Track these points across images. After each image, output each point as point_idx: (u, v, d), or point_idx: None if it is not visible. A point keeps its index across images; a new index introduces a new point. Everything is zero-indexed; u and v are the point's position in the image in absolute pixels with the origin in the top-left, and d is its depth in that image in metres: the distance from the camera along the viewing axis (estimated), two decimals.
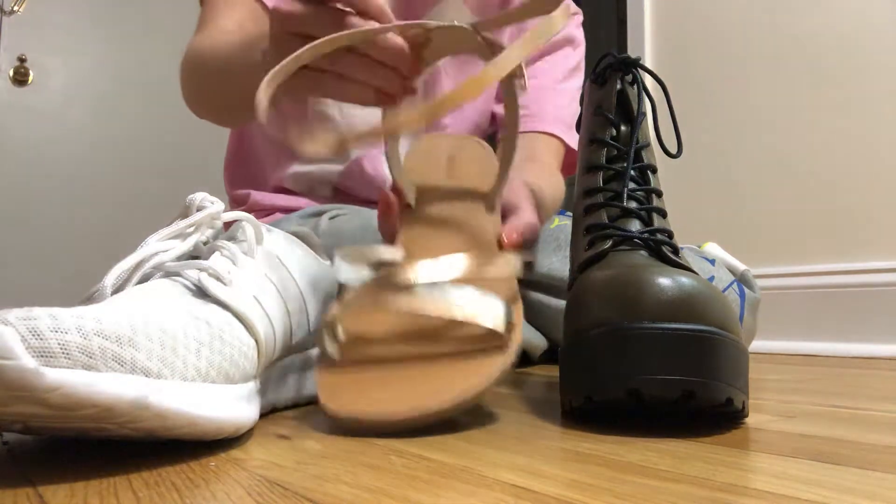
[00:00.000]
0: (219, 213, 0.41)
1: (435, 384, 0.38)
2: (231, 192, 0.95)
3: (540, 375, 0.71)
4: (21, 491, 0.26)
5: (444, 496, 0.25)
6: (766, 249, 1.44)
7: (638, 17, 1.72)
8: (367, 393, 0.39)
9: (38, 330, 0.25)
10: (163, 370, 0.29)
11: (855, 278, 1.28)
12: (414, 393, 0.38)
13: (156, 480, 0.28)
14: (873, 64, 1.31)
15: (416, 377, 0.39)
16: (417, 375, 0.40)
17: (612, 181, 0.47)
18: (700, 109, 1.57)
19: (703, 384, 0.35)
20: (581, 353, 0.38)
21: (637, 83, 0.50)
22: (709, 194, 1.55)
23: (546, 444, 0.34)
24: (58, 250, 2.28)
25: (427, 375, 0.39)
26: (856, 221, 1.32)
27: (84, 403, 0.26)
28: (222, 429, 0.32)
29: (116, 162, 2.41)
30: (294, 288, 0.45)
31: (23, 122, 2.28)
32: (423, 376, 0.39)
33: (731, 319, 0.38)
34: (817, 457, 0.31)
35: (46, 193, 2.29)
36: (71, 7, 2.37)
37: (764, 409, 0.46)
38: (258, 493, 0.26)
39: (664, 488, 0.26)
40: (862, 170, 1.32)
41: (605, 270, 0.40)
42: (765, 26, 1.48)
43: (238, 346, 0.35)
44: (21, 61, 2.28)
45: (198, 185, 2.34)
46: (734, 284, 0.83)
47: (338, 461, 0.31)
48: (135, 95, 2.45)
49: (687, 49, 1.62)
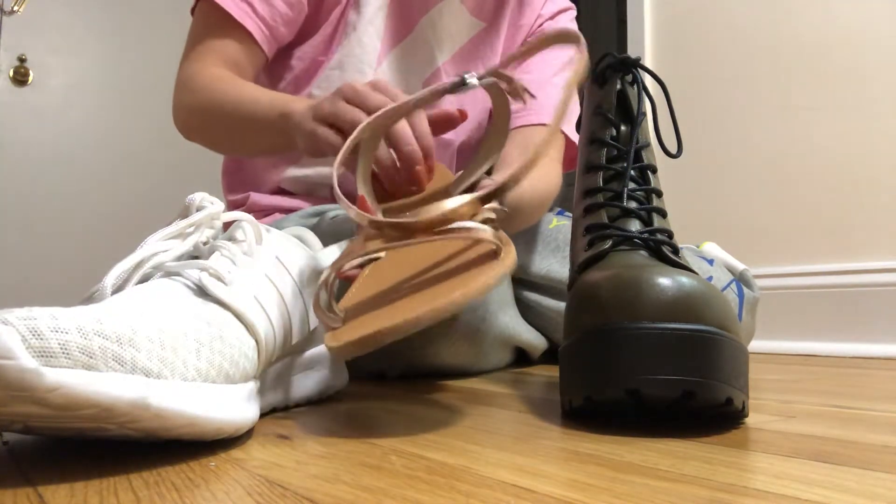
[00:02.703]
0: (218, 214, 0.41)
1: (438, 292, 0.38)
2: (229, 197, 0.95)
3: (540, 375, 0.71)
4: (21, 491, 0.26)
5: (444, 496, 0.25)
6: (765, 249, 1.44)
7: (638, 17, 1.72)
8: (370, 321, 0.38)
9: (38, 330, 0.25)
10: (163, 370, 0.29)
11: (855, 278, 1.28)
12: (422, 300, 0.38)
13: (156, 480, 0.28)
14: (873, 64, 1.32)
15: (420, 294, 0.39)
16: (421, 294, 0.40)
17: (612, 181, 0.47)
18: (700, 109, 1.57)
19: (703, 384, 0.35)
20: (581, 353, 0.38)
21: (637, 83, 0.50)
22: (709, 194, 1.55)
23: (546, 444, 0.34)
24: (58, 250, 2.28)
25: (430, 291, 0.39)
26: (856, 221, 1.32)
27: (84, 403, 0.26)
28: (222, 429, 0.32)
29: (116, 162, 2.41)
30: (294, 288, 0.45)
31: (23, 122, 2.28)
32: (428, 291, 0.39)
33: (731, 319, 0.38)
34: (817, 457, 0.31)
35: (46, 193, 2.29)
36: (71, 7, 2.37)
37: (764, 409, 0.46)
38: (258, 493, 0.26)
39: (664, 488, 0.26)
40: (862, 170, 1.32)
41: (605, 270, 0.40)
42: (765, 26, 1.48)
43: (238, 346, 0.35)
44: (21, 61, 2.28)
45: (198, 185, 2.34)
46: (732, 284, 0.83)
47: (338, 461, 0.31)
48: (134, 95, 2.45)
49: (687, 49, 1.62)
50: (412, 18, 0.89)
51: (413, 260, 0.46)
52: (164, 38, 2.49)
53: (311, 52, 0.87)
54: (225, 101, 0.75)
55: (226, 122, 0.76)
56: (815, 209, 1.37)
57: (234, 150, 0.86)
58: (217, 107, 0.76)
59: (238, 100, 0.74)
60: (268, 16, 0.81)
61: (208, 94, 0.77)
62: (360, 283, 0.47)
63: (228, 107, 0.75)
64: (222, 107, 0.75)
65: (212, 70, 0.79)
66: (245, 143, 0.77)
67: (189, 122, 0.82)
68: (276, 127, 0.68)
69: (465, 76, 0.53)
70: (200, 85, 0.78)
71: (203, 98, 0.77)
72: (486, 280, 0.37)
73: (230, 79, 0.77)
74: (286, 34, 0.85)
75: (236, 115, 0.74)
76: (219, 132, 0.80)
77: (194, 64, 0.81)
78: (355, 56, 0.86)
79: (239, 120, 0.73)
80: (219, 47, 0.81)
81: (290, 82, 0.88)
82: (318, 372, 0.51)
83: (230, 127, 0.76)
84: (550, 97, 0.91)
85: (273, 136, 0.70)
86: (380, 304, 0.41)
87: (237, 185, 0.94)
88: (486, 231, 0.41)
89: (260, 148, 0.77)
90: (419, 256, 0.45)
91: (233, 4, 0.80)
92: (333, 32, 0.87)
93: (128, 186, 2.41)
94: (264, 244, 0.44)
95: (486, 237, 0.40)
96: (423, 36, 0.89)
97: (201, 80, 0.78)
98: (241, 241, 0.42)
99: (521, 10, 0.95)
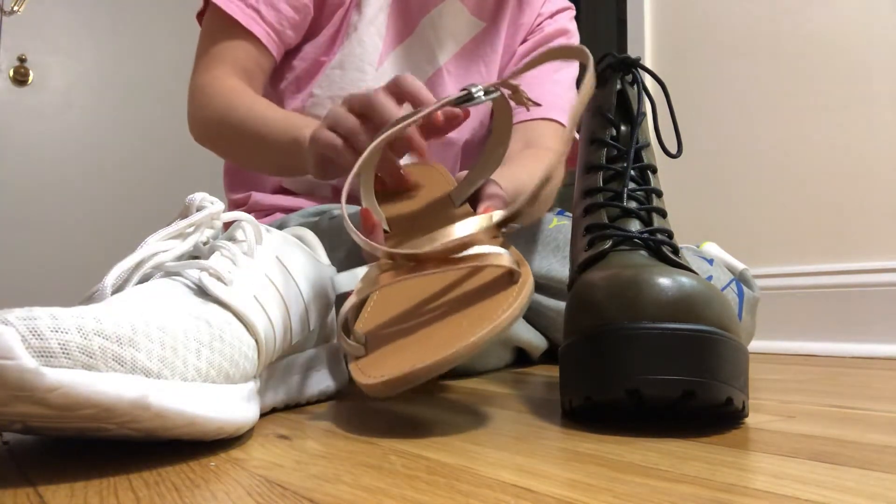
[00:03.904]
0: (218, 213, 0.41)
1: (465, 323, 0.38)
2: (231, 196, 0.95)
3: (540, 375, 0.71)
4: (21, 491, 0.26)
5: (444, 496, 0.25)
6: (765, 249, 1.44)
7: (638, 17, 1.72)
8: (400, 355, 0.38)
9: (38, 330, 0.25)
10: (163, 370, 0.29)
11: (855, 278, 1.28)
12: (448, 335, 0.37)
13: (156, 480, 0.28)
14: (873, 64, 1.31)
15: (446, 325, 0.39)
16: (446, 323, 0.39)
17: (612, 181, 0.47)
18: (700, 109, 1.57)
19: (703, 384, 0.35)
20: (581, 353, 0.38)
21: (637, 83, 0.50)
22: (709, 194, 1.55)
23: (546, 444, 0.34)
24: (58, 250, 2.28)
25: (455, 320, 0.39)
26: (855, 221, 1.32)
27: (84, 403, 0.26)
28: (222, 429, 0.32)
29: (116, 162, 2.41)
30: (294, 288, 0.45)
31: (23, 122, 2.28)
32: (451, 322, 0.39)
33: (731, 319, 0.38)
34: (817, 457, 0.31)
35: (46, 193, 2.29)
36: (71, 7, 2.37)
37: (764, 409, 0.46)
38: (258, 493, 0.26)
39: (664, 488, 0.26)
40: (862, 170, 1.32)
41: (605, 270, 0.40)
42: (765, 26, 1.48)
43: (238, 346, 0.35)
44: (21, 61, 2.28)
45: (198, 185, 2.34)
46: (732, 284, 0.83)
47: (338, 461, 0.31)
48: (134, 95, 2.45)
49: (687, 49, 1.62)
50: (413, 19, 0.89)
51: (425, 281, 0.45)
52: (164, 39, 2.50)
53: (312, 52, 0.87)
54: (238, 120, 0.76)
55: (239, 139, 0.77)
56: (815, 209, 1.37)
57: (248, 166, 0.87)
58: (230, 125, 0.77)
59: (251, 118, 0.75)
60: (275, 21, 0.82)
61: (222, 110, 0.78)
62: (373, 304, 0.46)
63: (241, 125, 0.75)
64: (235, 126, 0.76)
65: (225, 82, 0.79)
66: (259, 161, 0.79)
67: (204, 134, 0.83)
68: (289, 151, 0.69)
69: (472, 90, 0.52)
70: (214, 97, 0.79)
71: (217, 112, 0.78)
72: (512, 312, 0.37)
73: (244, 93, 0.78)
74: (293, 38, 0.85)
75: (249, 134, 0.74)
76: (232, 147, 0.81)
77: (206, 73, 0.81)
78: (356, 56, 0.86)
79: (251, 138, 0.74)
80: (228, 55, 0.81)
81: (291, 82, 0.88)
82: (318, 372, 0.51)
83: (243, 145, 0.77)
84: (550, 93, 0.91)
85: (285, 158, 0.71)
86: (403, 333, 0.41)
87: (238, 184, 0.95)
88: (504, 256, 0.41)
89: (272, 168, 0.79)
90: (431, 277, 0.45)
91: (240, 11, 0.80)
92: (335, 33, 0.87)
93: (128, 186, 2.41)
94: (264, 244, 0.44)
95: (505, 263, 0.40)
96: (424, 36, 0.89)
97: (215, 93, 0.79)
98: (241, 241, 0.42)
99: (520, 9, 0.96)
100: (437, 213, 0.57)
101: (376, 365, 0.38)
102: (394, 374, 0.35)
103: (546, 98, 0.90)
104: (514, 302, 0.38)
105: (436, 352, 0.35)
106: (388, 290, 0.47)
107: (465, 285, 0.43)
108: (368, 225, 0.52)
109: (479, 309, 0.39)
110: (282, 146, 0.70)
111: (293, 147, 0.68)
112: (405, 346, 0.39)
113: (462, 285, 0.44)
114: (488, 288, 0.41)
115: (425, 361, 0.35)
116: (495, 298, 0.39)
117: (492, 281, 0.42)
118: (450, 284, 0.44)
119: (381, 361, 0.38)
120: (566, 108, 0.93)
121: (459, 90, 0.53)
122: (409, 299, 0.45)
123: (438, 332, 0.38)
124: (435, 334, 0.38)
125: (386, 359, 0.38)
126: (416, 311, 0.43)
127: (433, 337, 0.38)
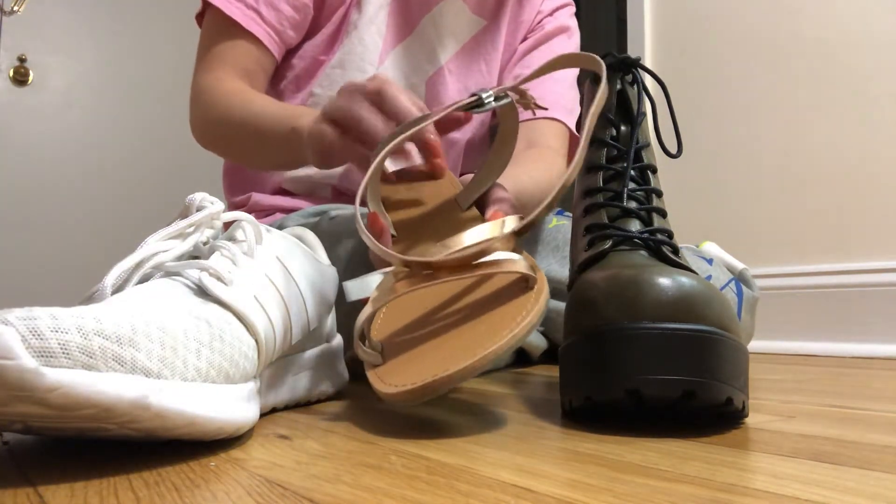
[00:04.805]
0: (218, 213, 0.41)
1: (483, 330, 0.38)
2: (231, 198, 0.95)
3: (540, 375, 0.71)
4: (21, 491, 0.26)
5: (444, 496, 0.25)
6: (765, 249, 1.44)
7: (638, 17, 1.72)
8: (420, 363, 0.38)
9: (38, 330, 0.25)
10: (163, 370, 0.29)
11: (855, 278, 1.28)
12: (468, 343, 0.37)
13: (156, 480, 0.28)
14: (873, 64, 1.31)
15: (463, 332, 0.39)
16: (464, 331, 0.39)
17: (612, 181, 0.47)
18: (700, 109, 1.57)
19: (703, 384, 0.35)
20: (581, 353, 0.38)
21: (637, 83, 0.50)
22: (709, 194, 1.55)
23: (546, 444, 0.34)
24: (58, 250, 2.28)
25: (473, 328, 0.39)
26: (855, 221, 1.32)
27: (84, 403, 0.26)
28: (222, 429, 0.32)
29: (116, 162, 2.41)
30: (294, 288, 0.45)
31: (23, 122, 2.28)
32: (469, 329, 0.39)
33: (731, 319, 0.38)
34: (817, 457, 0.31)
35: (46, 193, 2.29)
36: (71, 7, 2.37)
37: (764, 409, 0.46)
38: (258, 493, 0.26)
39: (664, 488, 0.26)
40: (862, 170, 1.32)
41: (605, 270, 0.40)
42: (765, 26, 1.48)
43: (238, 346, 0.35)
44: (21, 61, 2.28)
45: (198, 185, 2.34)
46: (731, 283, 0.83)
47: (338, 461, 0.31)
48: (135, 95, 2.45)
49: (687, 49, 1.62)
50: (414, 17, 0.89)
51: (438, 287, 0.45)
52: (164, 39, 2.49)
53: (312, 51, 0.87)
54: (238, 118, 0.76)
55: (239, 137, 0.77)
56: (815, 209, 1.37)
57: (251, 165, 0.87)
58: (230, 124, 0.77)
59: (250, 115, 0.74)
60: (275, 21, 0.82)
61: (223, 110, 0.78)
62: (386, 311, 0.46)
63: (240, 123, 0.75)
64: (235, 124, 0.76)
65: (225, 84, 0.79)
66: (260, 159, 0.78)
67: (205, 136, 0.83)
68: (288, 142, 0.68)
69: (483, 95, 0.52)
70: (215, 100, 0.79)
71: (217, 114, 0.78)
72: (531, 319, 0.37)
73: (242, 92, 0.78)
74: (294, 37, 0.85)
75: (248, 130, 0.74)
76: (234, 147, 0.81)
77: (207, 76, 0.81)
78: (356, 54, 0.86)
79: (251, 135, 0.74)
80: (229, 56, 0.81)
81: (291, 81, 0.88)
82: (318, 372, 0.51)
83: (244, 143, 0.77)
84: (552, 92, 0.92)
85: (285, 152, 0.70)
86: (420, 341, 0.41)
87: (238, 185, 0.95)
88: (520, 262, 0.40)
89: (274, 163, 0.78)
90: (444, 283, 0.44)
91: (239, 12, 0.80)
92: (335, 32, 0.87)
93: (128, 186, 2.41)
94: (264, 244, 0.44)
95: (522, 269, 0.40)
96: (425, 34, 0.89)
97: (215, 95, 0.79)
98: (241, 241, 0.42)
99: (520, 6, 0.96)
100: (444, 218, 0.57)
101: (395, 373, 0.38)
102: (416, 383, 0.35)
103: (547, 97, 0.90)
104: (532, 308, 0.38)
105: (458, 360, 0.35)
106: (401, 297, 0.47)
107: (479, 291, 0.43)
108: (376, 229, 0.52)
109: (496, 316, 0.39)
110: (280, 138, 0.69)
111: (291, 136, 0.67)
112: (424, 353, 0.39)
113: (475, 291, 0.43)
114: (503, 294, 0.41)
115: (448, 370, 0.35)
116: (512, 305, 0.39)
117: (506, 287, 0.42)
118: (463, 290, 0.44)
119: (399, 370, 0.38)
120: (568, 106, 0.93)
121: (469, 95, 0.53)
122: (424, 306, 0.45)
123: (457, 340, 0.38)
124: (453, 342, 0.38)
125: (405, 367, 0.38)
126: (432, 317, 0.43)
127: (452, 345, 0.38)
